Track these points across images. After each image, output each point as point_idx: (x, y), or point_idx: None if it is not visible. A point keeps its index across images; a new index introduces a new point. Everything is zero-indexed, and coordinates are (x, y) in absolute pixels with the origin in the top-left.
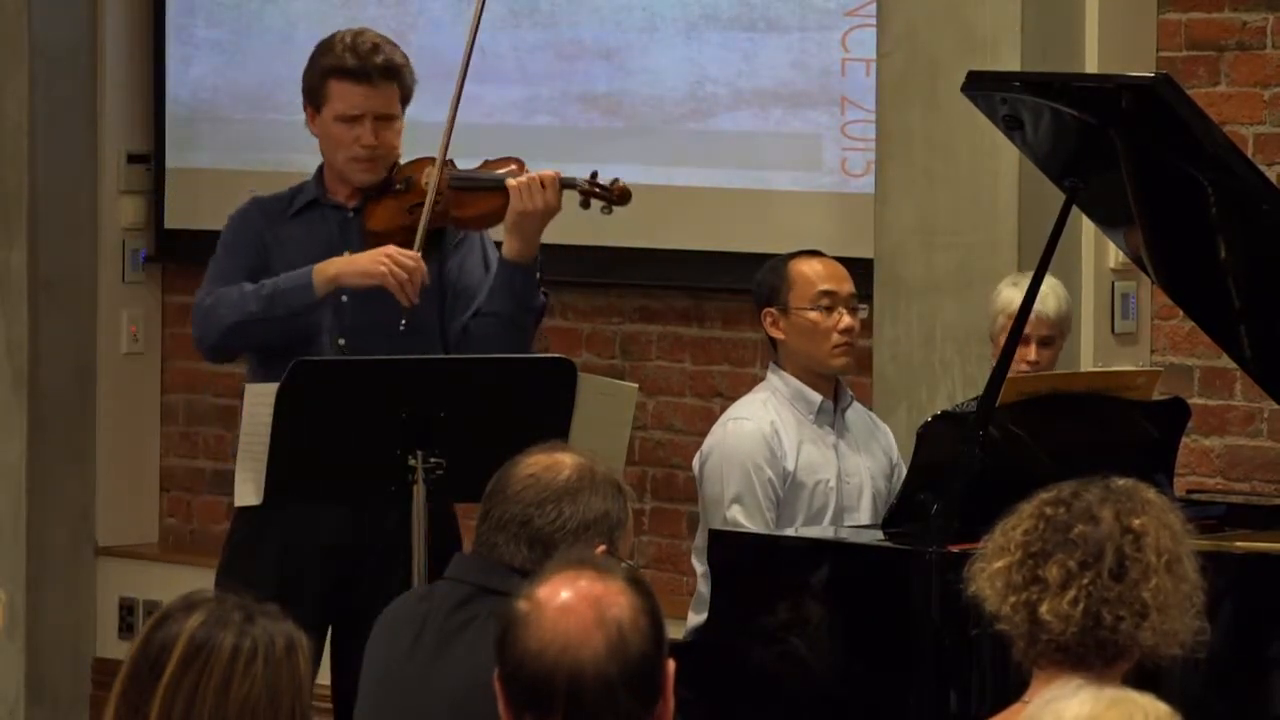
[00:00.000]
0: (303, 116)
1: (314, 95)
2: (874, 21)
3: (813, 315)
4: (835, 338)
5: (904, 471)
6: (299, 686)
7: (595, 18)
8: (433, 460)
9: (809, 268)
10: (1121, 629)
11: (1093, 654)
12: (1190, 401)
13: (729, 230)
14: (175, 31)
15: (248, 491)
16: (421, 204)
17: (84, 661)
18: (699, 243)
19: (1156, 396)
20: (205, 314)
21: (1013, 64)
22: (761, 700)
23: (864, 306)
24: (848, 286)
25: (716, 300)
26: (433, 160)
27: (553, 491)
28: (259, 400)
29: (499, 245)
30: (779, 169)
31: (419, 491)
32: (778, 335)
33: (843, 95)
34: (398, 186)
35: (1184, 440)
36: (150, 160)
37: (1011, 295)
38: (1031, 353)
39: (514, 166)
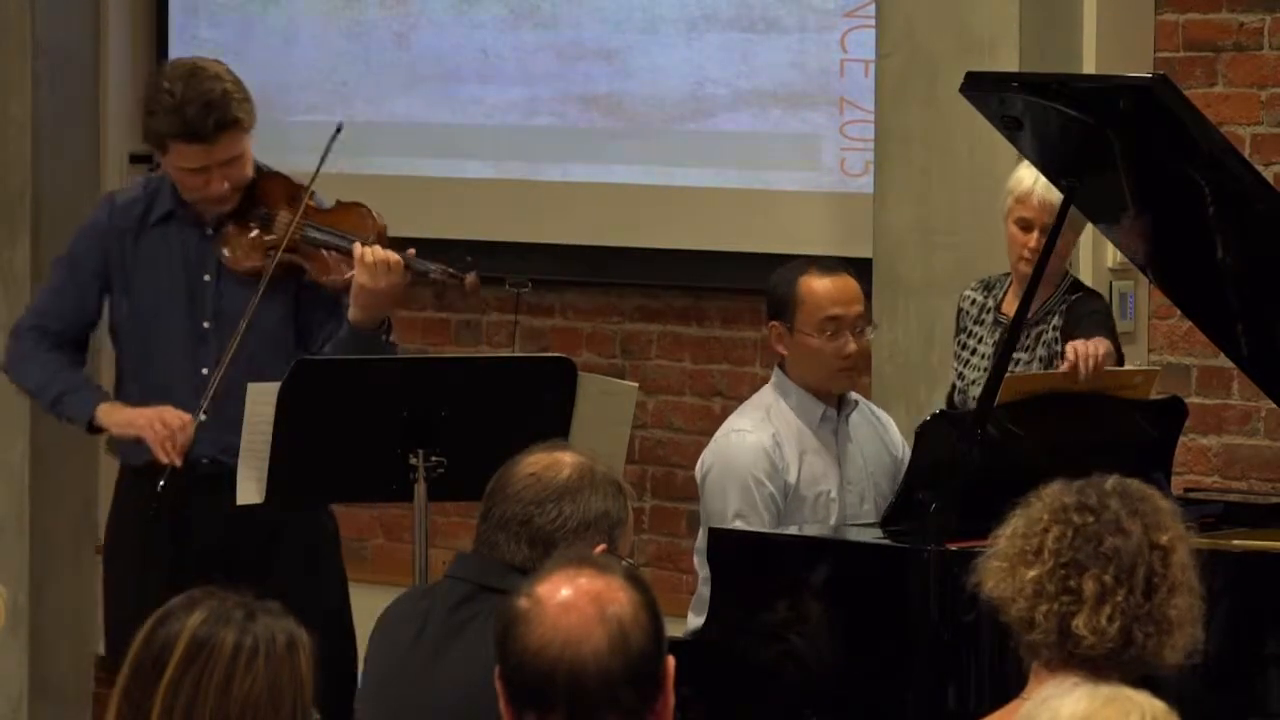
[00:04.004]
0: (305, 118)
1: (155, 146)
2: (873, 22)
3: (816, 341)
4: (837, 363)
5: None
6: (300, 684)
7: (596, 19)
8: (434, 459)
9: (820, 287)
10: (1149, 646)
11: (1117, 669)
12: (1187, 400)
13: (729, 230)
14: (178, 32)
15: (250, 490)
16: (276, 246)
17: (87, 658)
18: (699, 243)
19: (1154, 395)
20: (17, 358)
21: (1011, 65)
22: (761, 697)
23: (873, 326)
24: (856, 308)
25: (716, 300)
26: (287, 180)
27: (553, 490)
28: (261, 399)
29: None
30: (778, 169)
31: (420, 490)
32: (781, 350)
33: (842, 96)
34: (253, 221)
35: (1181, 439)
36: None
37: (1022, 175)
38: (1033, 240)
39: (363, 218)
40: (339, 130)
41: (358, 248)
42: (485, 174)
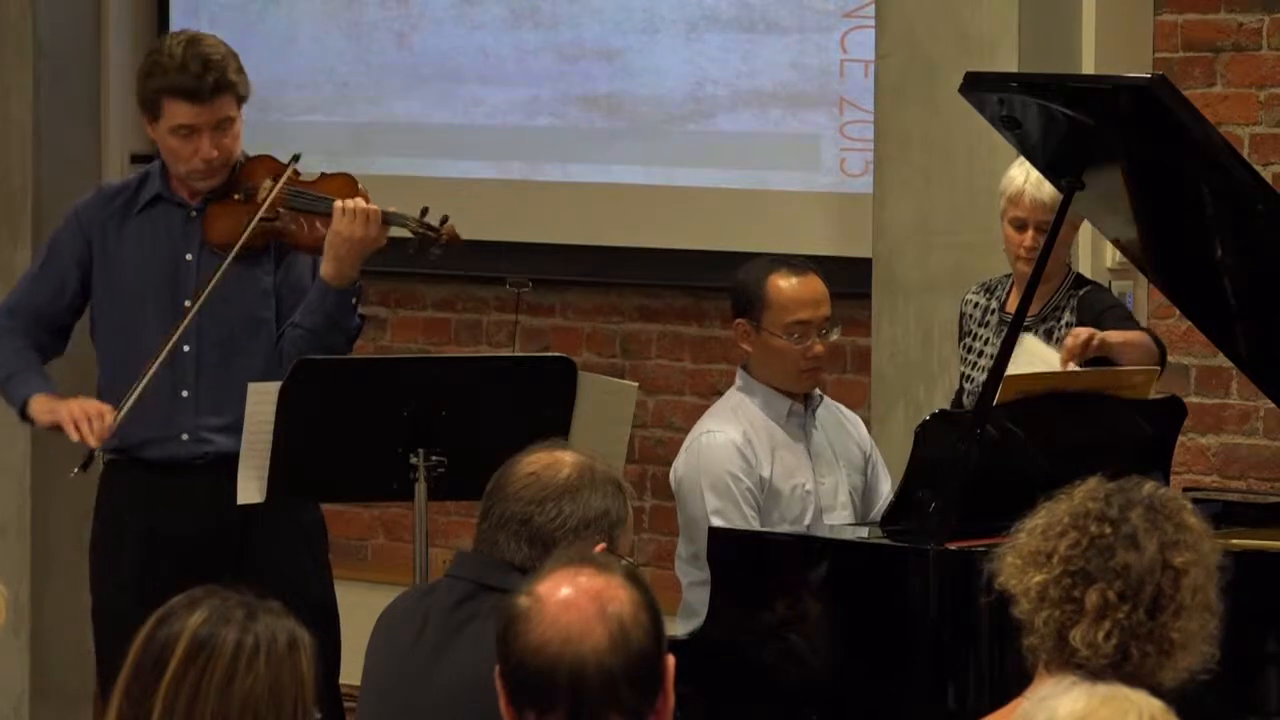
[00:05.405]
0: (305, 118)
1: (149, 109)
2: (872, 23)
3: (782, 342)
4: (803, 363)
5: (878, 461)
6: (301, 683)
7: (596, 19)
8: (434, 458)
9: (788, 287)
10: (1146, 664)
11: (1115, 680)
12: (1186, 400)
13: (729, 230)
14: None
15: (251, 489)
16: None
17: (87, 658)
18: (699, 243)
19: (1153, 395)
20: None
21: (1010, 65)
22: (761, 697)
23: (837, 329)
24: (824, 310)
25: (716, 300)
26: (273, 159)
27: (553, 489)
28: (262, 398)
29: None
30: (778, 169)
31: (420, 490)
32: (747, 348)
33: (841, 96)
34: (237, 196)
35: (1180, 438)
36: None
37: (1013, 174)
38: (1029, 239)
39: (347, 183)
40: (296, 159)
41: (338, 201)
42: (485, 174)
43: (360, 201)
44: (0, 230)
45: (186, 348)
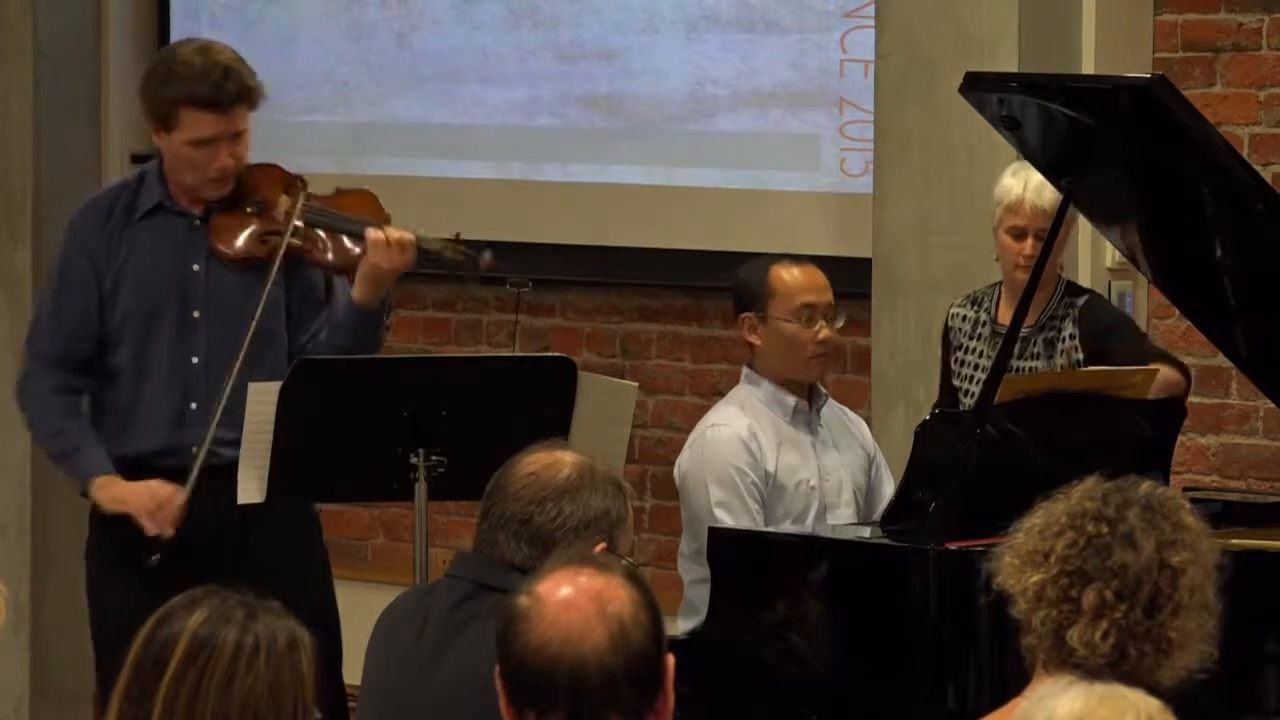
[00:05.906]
0: (305, 118)
1: (163, 119)
2: (872, 23)
3: (791, 327)
4: (812, 348)
5: (881, 464)
6: (301, 683)
7: (596, 19)
8: (434, 458)
9: (790, 277)
10: (1144, 664)
11: (1113, 680)
12: (1186, 400)
13: (729, 230)
14: (178, 33)
15: (251, 489)
16: (276, 233)
17: (88, 658)
18: (699, 243)
19: (1153, 395)
20: (26, 395)
21: (1010, 65)
22: (760, 696)
23: (842, 318)
24: (828, 297)
25: (716, 300)
26: (279, 168)
27: (553, 489)
28: (262, 398)
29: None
30: (778, 169)
31: (420, 490)
32: (754, 341)
33: (841, 96)
34: (248, 209)
35: (1180, 438)
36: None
37: (1009, 184)
38: (1028, 247)
39: (369, 203)
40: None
41: (371, 231)
42: (485, 174)
43: (393, 232)
44: (0, 230)
45: (195, 360)
